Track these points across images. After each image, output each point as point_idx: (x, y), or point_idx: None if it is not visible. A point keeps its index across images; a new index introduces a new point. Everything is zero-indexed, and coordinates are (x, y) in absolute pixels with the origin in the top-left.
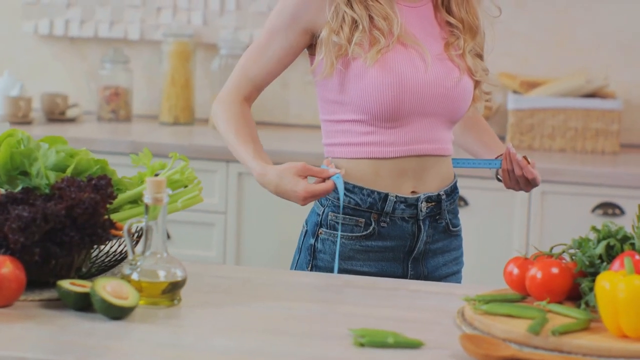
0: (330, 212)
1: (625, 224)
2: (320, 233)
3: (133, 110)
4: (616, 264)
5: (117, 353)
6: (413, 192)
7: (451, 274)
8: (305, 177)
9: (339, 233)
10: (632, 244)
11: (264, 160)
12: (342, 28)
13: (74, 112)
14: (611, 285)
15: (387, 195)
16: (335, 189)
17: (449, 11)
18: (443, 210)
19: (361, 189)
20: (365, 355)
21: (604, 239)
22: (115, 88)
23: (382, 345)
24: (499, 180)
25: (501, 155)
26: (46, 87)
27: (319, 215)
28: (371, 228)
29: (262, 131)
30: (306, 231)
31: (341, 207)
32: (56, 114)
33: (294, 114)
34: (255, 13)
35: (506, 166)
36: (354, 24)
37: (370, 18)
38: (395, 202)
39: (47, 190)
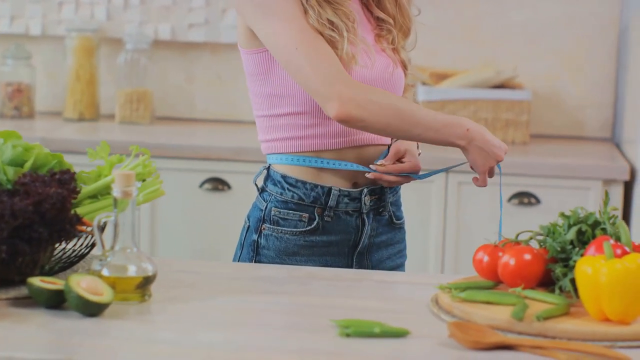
0: (273, 207)
1: (541, 212)
2: (264, 229)
3: (36, 106)
4: (591, 249)
5: (107, 351)
6: (355, 183)
7: (395, 267)
8: None
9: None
10: (604, 229)
11: None
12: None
13: None
14: (593, 270)
15: (330, 189)
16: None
17: (379, 7)
18: (386, 202)
19: (304, 183)
20: (354, 345)
21: (574, 224)
22: (17, 84)
23: (369, 335)
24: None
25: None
26: None
27: (261, 210)
28: (315, 223)
29: (167, 126)
30: (248, 227)
31: (501, 203)
32: None
33: (201, 108)
34: (159, 7)
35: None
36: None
37: (330, 22)
38: (339, 195)
39: (9, 186)
